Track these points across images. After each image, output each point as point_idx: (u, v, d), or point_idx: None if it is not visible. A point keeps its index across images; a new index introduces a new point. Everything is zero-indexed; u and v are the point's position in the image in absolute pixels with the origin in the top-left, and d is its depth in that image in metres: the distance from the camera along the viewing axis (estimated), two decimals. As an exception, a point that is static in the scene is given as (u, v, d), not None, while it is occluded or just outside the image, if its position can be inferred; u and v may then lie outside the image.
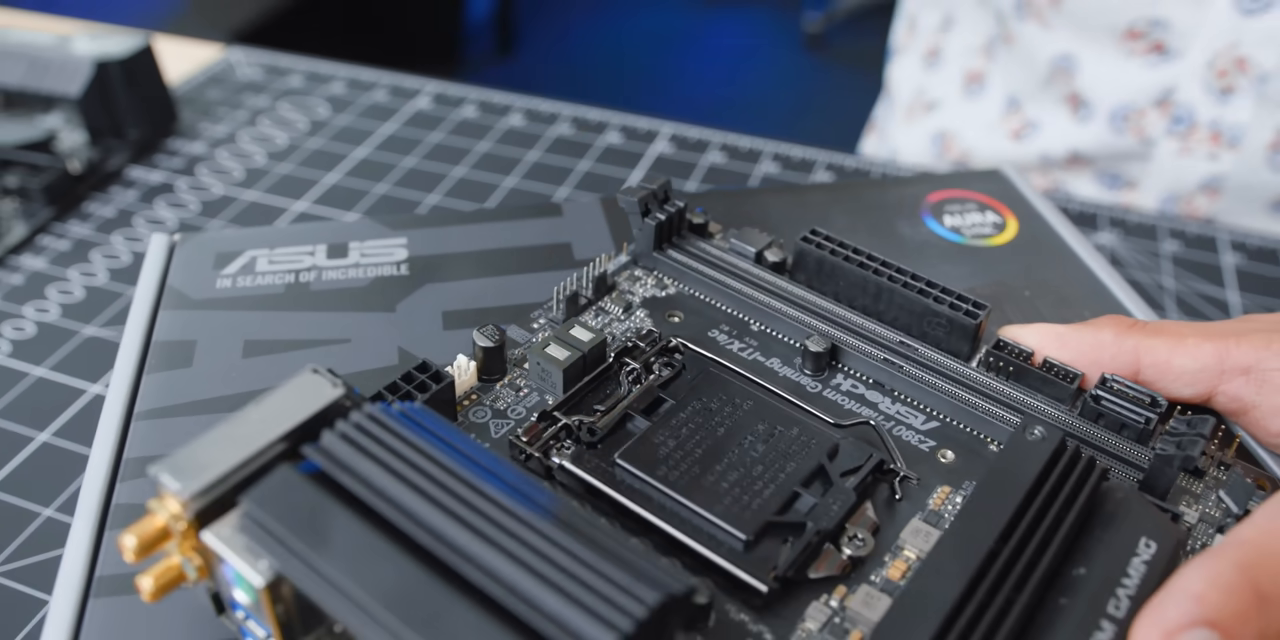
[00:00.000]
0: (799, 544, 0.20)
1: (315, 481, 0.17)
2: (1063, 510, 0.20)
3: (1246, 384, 0.24)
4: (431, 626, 0.15)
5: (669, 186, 0.29)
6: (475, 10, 2.40)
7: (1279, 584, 0.18)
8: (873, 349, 0.25)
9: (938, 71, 0.61)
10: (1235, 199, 0.50)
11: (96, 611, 0.21)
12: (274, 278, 0.29)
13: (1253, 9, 0.45)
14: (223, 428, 0.18)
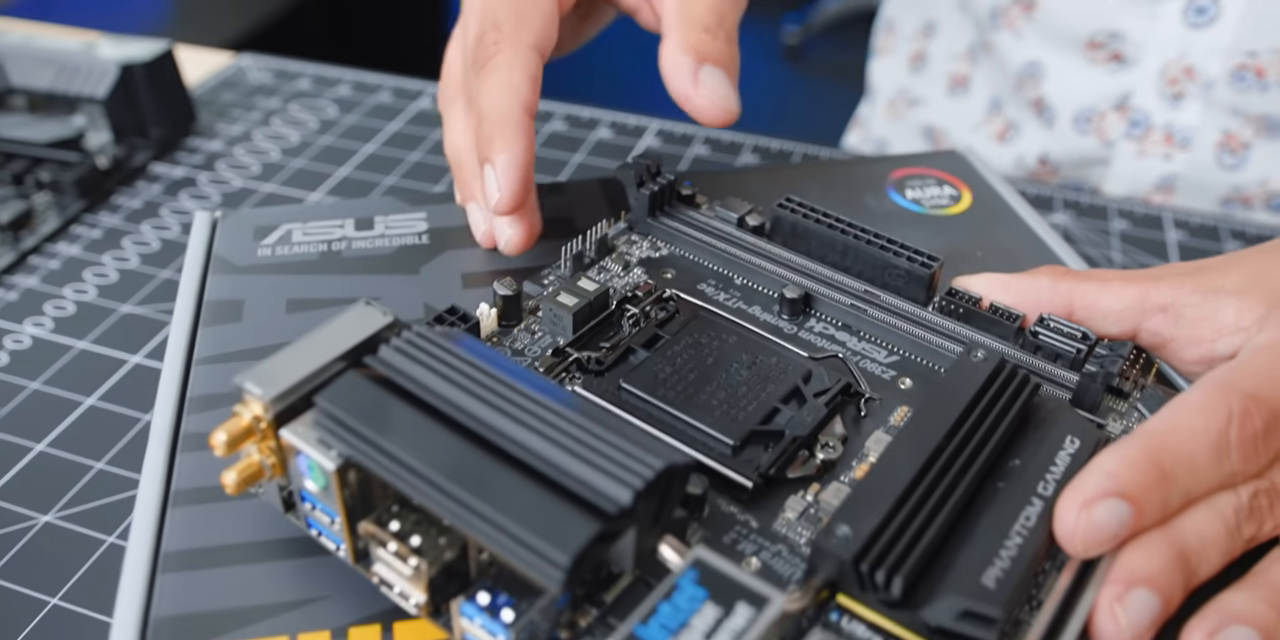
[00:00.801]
0: (778, 449, 0.24)
1: (376, 383, 0.21)
2: (1000, 415, 0.23)
3: (1165, 320, 0.28)
4: (482, 489, 0.18)
5: (661, 161, 0.32)
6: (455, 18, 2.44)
7: (1177, 464, 0.22)
8: (841, 296, 0.29)
9: (923, 74, 0.65)
10: (1187, 196, 0.54)
11: (175, 519, 0.24)
12: (309, 247, 0.33)
13: (1198, 23, 0.50)
14: (293, 347, 0.22)
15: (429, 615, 0.21)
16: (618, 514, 0.18)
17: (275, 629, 0.22)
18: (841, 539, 0.20)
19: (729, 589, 0.18)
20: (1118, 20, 0.52)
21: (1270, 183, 0.52)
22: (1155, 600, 0.21)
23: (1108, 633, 0.21)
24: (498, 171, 0.29)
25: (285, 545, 0.24)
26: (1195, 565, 0.22)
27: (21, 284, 0.44)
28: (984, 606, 0.20)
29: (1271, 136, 0.52)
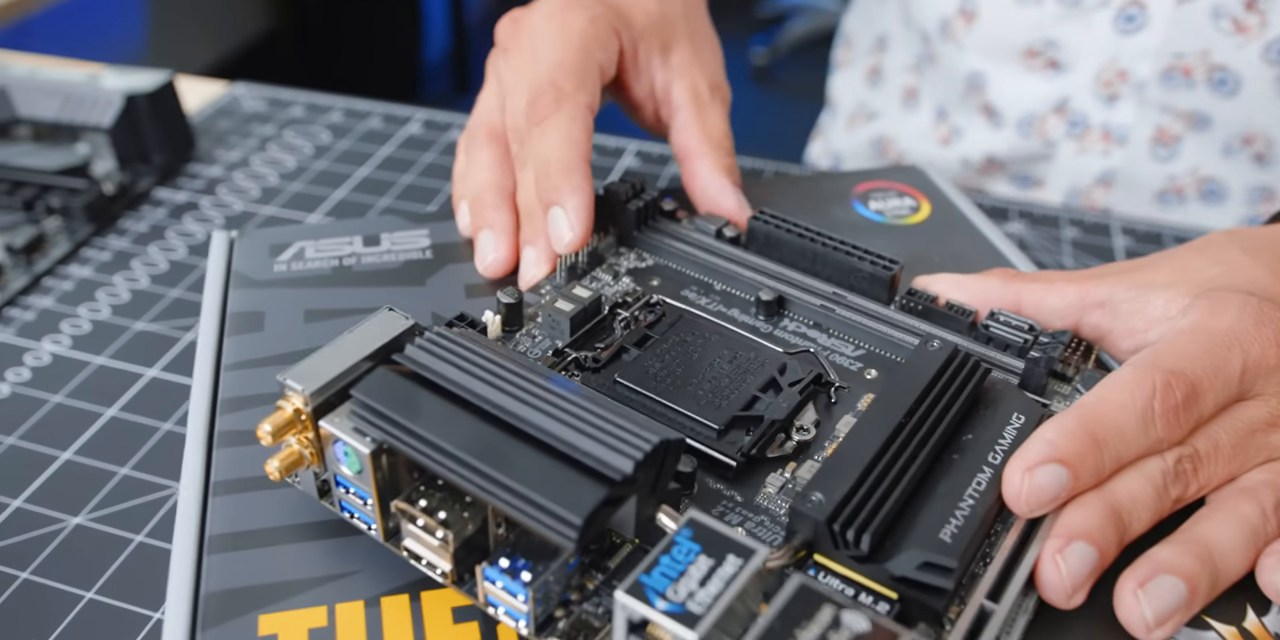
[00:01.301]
0: (758, 432, 0.27)
1: (404, 377, 0.23)
2: (954, 395, 0.26)
3: (1103, 314, 0.31)
4: (502, 463, 0.21)
5: (644, 181, 0.35)
6: (431, 50, 2.48)
7: (1109, 433, 0.25)
8: (811, 298, 0.32)
9: (879, 89, 0.69)
10: (1126, 190, 0.58)
11: (216, 507, 0.27)
12: (321, 262, 0.36)
13: (1127, 30, 0.54)
14: (327, 349, 0.25)
15: (454, 583, 0.24)
16: (622, 480, 0.21)
17: (314, 600, 0.25)
18: (816, 503, 0.23)
19: (720, 544, 0.21)
20: (1053, 30, 0.56)
21: (1200, 171, 0.56)
22: (1092, 552, 0.24)
23: (1051, 581, 0.24)
24: (570, 214, 0.33)
25: (319, 527, 0.26)
26: (1128, 522, 0.25)
27: (37, 304, 0.46)
28: (942, 558, 0.22)
29: (1200, 129, 0.56)
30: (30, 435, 0.39)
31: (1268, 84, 0.53)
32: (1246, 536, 0.25)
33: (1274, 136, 0.54)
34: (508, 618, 0.23)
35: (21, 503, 0.37)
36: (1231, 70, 0.53)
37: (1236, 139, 0.55)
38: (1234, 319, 0.27)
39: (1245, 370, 0.26)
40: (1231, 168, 0.55)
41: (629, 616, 0.20)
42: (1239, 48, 0.52)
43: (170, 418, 0.40)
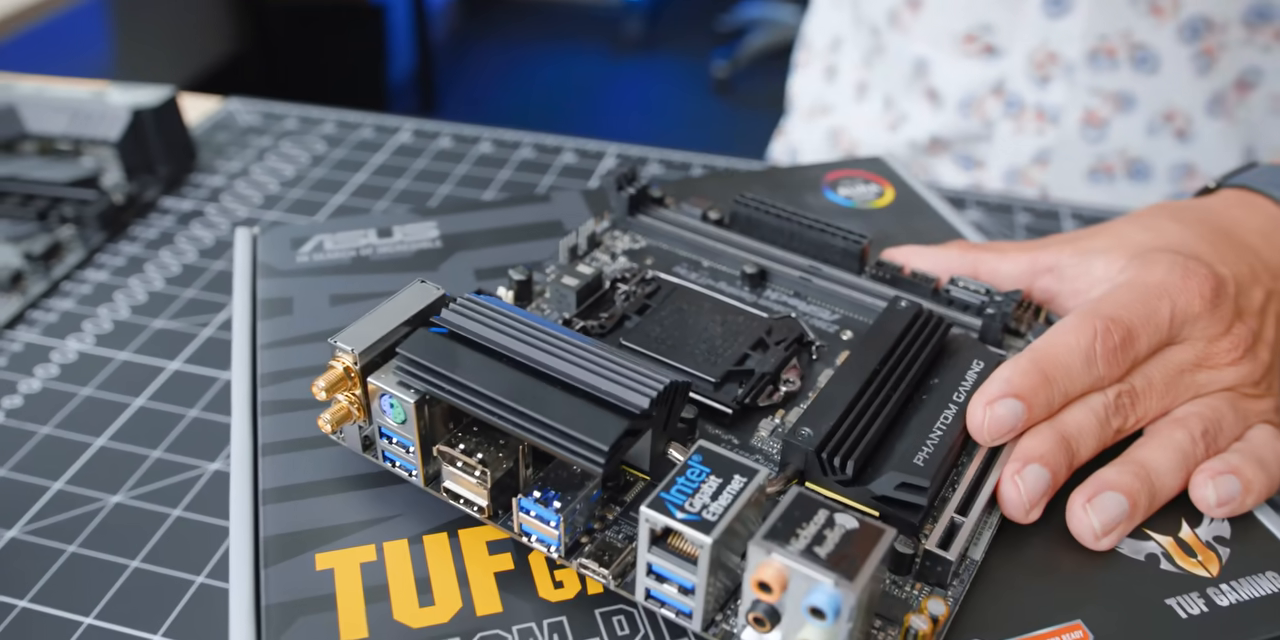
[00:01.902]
0: (749, 384, 0.30)
1: (442, 336, 0.27)
2: (921, 346, 0.30)
3: (1051, 278, 0.35)
4: (536, 404, 0.25)
5: (636, 170, 0.39)
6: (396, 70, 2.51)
7: (1057, 371, 0.28)
8: (790, 270, 0.36)
9: (833, 84, 0.74)
10: (1060, 168, 0.63)
11: (267, 464, 0.30)
12: (340, 253, 0.39)
13: (1055, 13, 0.58)
14: (369, 316, 0.28)
15: (489, 518, 0.27)
16: (640, 414, 0.24)
17: (363, 540, 0.28)
18: (806, 437, 0.27)
19: (726, 466, 0.24)
20: (988, 15, 0.60)
21: (1128, 152, 0.61)
22: (1046, 473, 0.27)
23: (1011, 499, 0.27)
24: None
25: (362, 479, 0.29)
26: (1076, 448, 0.28)
27: (58, 307, 0.49)
28: (916, 479, 0.26)
29: (1126, 111, 0.60)
30: (64, 425, 0.42)
31: (1184, 62, 0.57)
32: (1179, 459, 0.29)
33: (1192, 112, 0.59)
34: (540, 544, 0.26)
35: (62, 485, 0.39)
36: (1151, 49, 0.57)
37: (1159, 116, 0.60)
38: (1164, 274, 0.31)
39: (1174, 318, 0.30)
40: (1155, 147, 0.60)
41: (652, 527, 0.23)
42: (1156, 28, 0.57)
43: (196, 405, 0.43)
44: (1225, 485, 0.28)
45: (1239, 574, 0.27)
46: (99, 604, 0.35)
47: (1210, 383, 0.31)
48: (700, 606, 0.24)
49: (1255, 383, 0.32)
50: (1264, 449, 0.30)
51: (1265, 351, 0.32)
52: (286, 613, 0.25)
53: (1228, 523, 0.29)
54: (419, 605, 0.26)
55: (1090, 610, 0.26)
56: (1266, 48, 0.58)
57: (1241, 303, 0.32)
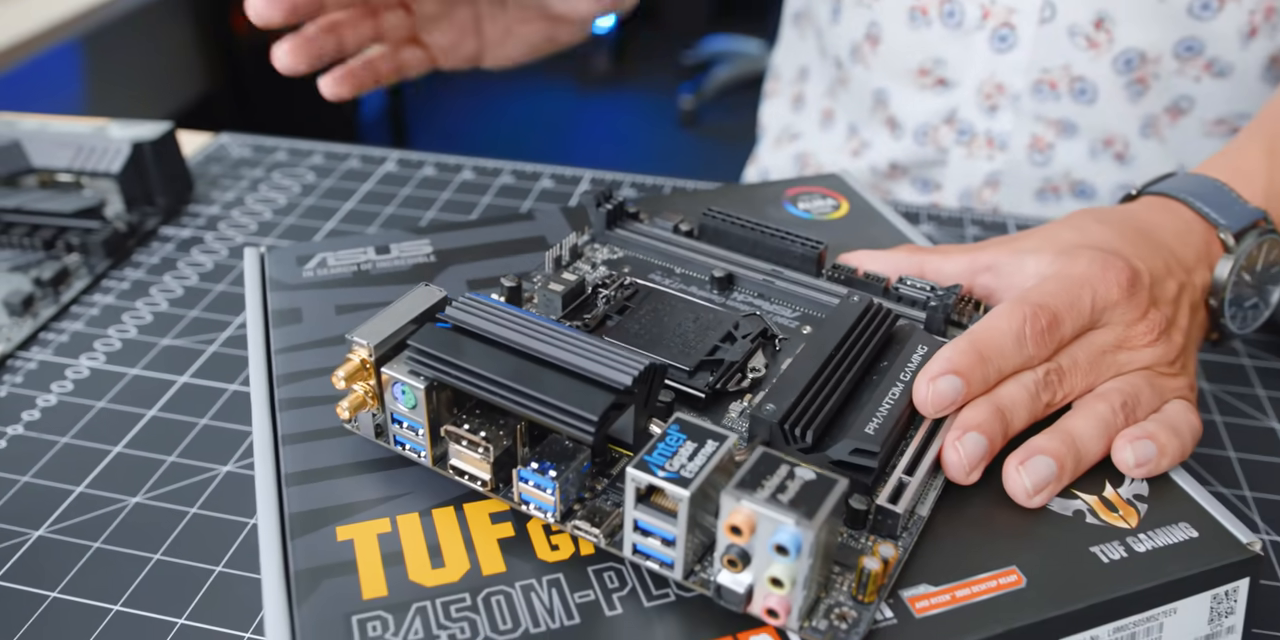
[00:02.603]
0: (720, 372, 0.34)
1: (447, 330, 0.30)
2: (872, 334, 0.34)
3: (989, 276, 0.39)
4: (532, 384, 0.28)
5: (612, 188, 0.43)
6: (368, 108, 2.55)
7: (991, 351, 0.32)
8: (755, 274, 0.39)
9: (801, 113, 0.78)
10: (1009, 190, 0.67)
11: (287, 453, 0.33)
12: (342, 269, 0.42)
13: (1001, 49, 0.63)
14: (381, 314, 0.31)
15: (491, 491, 0.30)
16: (624, 390, 0.28)
17: (378, 515, 0.31)
18: (770, 411, 0.30)
19: (700, 433, 0.27)
20: (940, 51, 0.65)
21: (1072, 174, 0.66)
22: (983, 440, 0.31)
23: (952, 462, 0.31)
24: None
25: (375, 462, 0.33)
26: (1010, 419, 0.32)
27: (69, 328, 0.52)
28: (868, 445, 0.30)
29: (1069, 137, 0.65)
30: (81, 434, 0.45)
31: (1119, 90, 0.62)
32: (1101, 428, 0.33)
33: (1129, 137, 0.64)
34: (537, 511, 0.29)
35: (84, 488, 0.42)
36: (1089, 80, 0.62)
37: (1099, 142, 0.64)
38: (1085, 266, 0.35)
39: (1094, 305, 0.34)
40: (1097, 169, 0.65)
41: (638, 485, 0.26)
42: (1093, 61, 0.61)
43: (206, 414, 0.46)
44: (1142, 449, 0.32)
45: (1155, 525, 0.31)
46: (125, 592, 0.38)
47: (1129, 362, 0.35)
48: (681, 557, 0.27)
49: (1170, 363, 0.35)
50: (1178, 419, 0.34)
51: (1178, 335, 0.36)
52: (313, 576, 0.29)
53: (1146, 483, 0.33)
54: (431, 567, 0.29)
55: (1024, 557, 0.30)
56: (1197, 78, 0.63)
57: (1156, 292, 0.36)
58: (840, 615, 0.27)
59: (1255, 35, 0.60)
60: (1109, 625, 0.29)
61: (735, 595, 0.26)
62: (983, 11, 0.63)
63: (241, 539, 0.40)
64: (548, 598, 0.28)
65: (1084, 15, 0.60)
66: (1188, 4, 0.59)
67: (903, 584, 0.29)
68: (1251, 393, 0.49)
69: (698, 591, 0.28)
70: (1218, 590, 0.30)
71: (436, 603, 0.28)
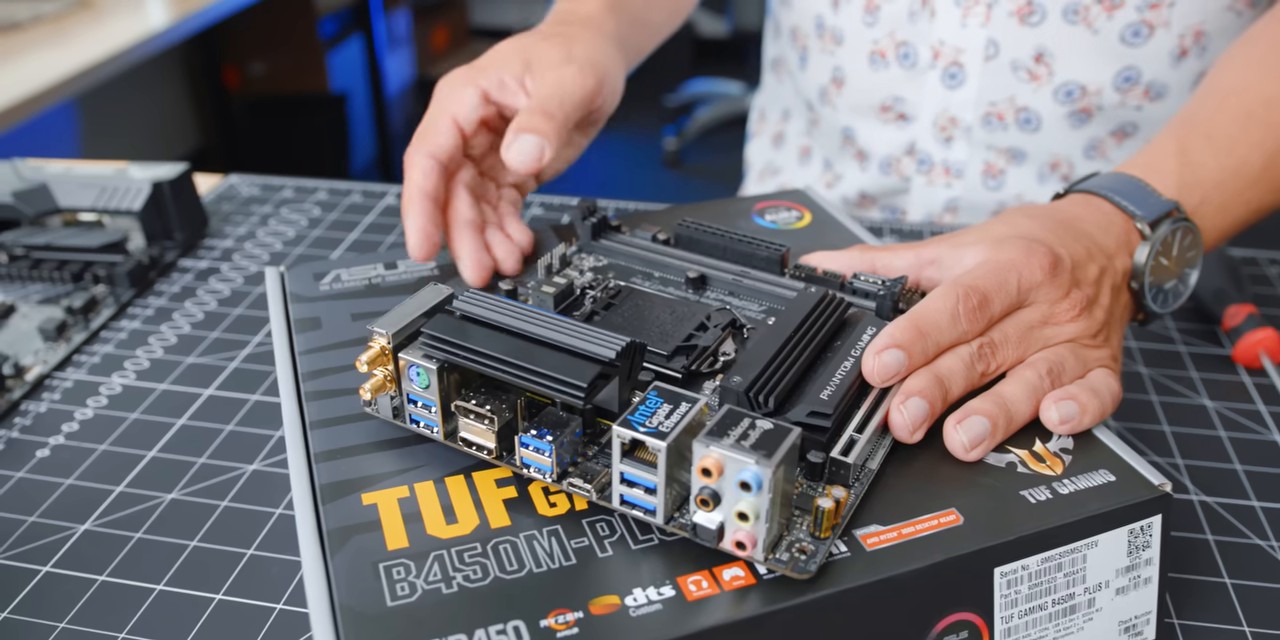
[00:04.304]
0: (694, 355, 0.38)
1: (455, 319, 0.35)
2: (827, 319, 0.38)
3: (934, 269, 0.43)
4: (531, 359, 0.32)
5: (595, 204, 0.47)
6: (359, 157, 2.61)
7: (929, 327, 0.37)
8: (725, 275, 0.44)
9: (782, 150, 0.84)
10: (967, 214, 0.72)
11: (315, 436, 0.37)
12: (355, 282, 0.47)
13: (952, 85, 0.68)
14: (397, 309, 0.36)
15: (496, 458, 0.35)
16: (609, 362, 0.32)
17: (398, 483, 0.35)
18: (737, 382, 0.35)
19: (676, 398, 0.32)
20: (898, 89, 0.70)
21: (1024, 197, 0.71)
22: (924, 404, 0.36)
23: (897, 423, 0.35)
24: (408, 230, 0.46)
25: (393, 441, 0.37)
26: (949, 386, 0.37)
27: (100, 351, 0.56)
28: (822, 407, 0.34)
29: (1019, 163, 0.70)
30: (118, 442, 0.49)
31: (1062, 119, 0.67)
32: (1029, 391, 0.37)
33: (1074, 160, 0.69)
34: (537, 473, 0.34)
35: (123, 488, 0.46)
36: (1033, 111, 0.68)
37: (1046, 167, 0.70)
38: (1012, 253, 0.40)
39: (1020, 286, 0.39)
40: (1046, 191, 0.70)
41: (622, 440, 0.31)
42: (1035, 92, 0.67)
43: (231, 421, 0.50)
44: (1065, 408, 0.37)
45: (1078, 472, 0.35)
46: (167, 574, 0.42)
47: (1055, 336, 0.39)
48: (662, 504, 0.31)
49: (1093, 336, 0.40)
50: (1099, 384, 0.38)
51: (1100, 312, 0.41)
52: (344, 534, 0.33)
53: (1071, 439, 0.37)
54: (446, 523, 0.33)
55: (962, 501, 0.34)
56: (1139, 107, 0.68)
57: (1078, 275, 0.41)
58: (800, 549, 0.31)
59: (1185, 56, 0.66)
60: (1037, 556, 0.33)
61: (709, 532, 0.31)
62: (934, 52, 0.68)
63: (270, 525, 0.44)
64: (548, 544, 0.32)
65: (1025, 51, 0.66)
66: (1120, 33, 0.64)
67: (855, 525, 0.33)
68: (1186, 375, 0.54)
69: (678, 535, 0.32)
70: (1133, 525, 0.35)
71: (451, 551, 0.32)
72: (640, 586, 0.31)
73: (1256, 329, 0.54)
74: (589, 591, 0.31)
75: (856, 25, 0.71)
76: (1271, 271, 0.64)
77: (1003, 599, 0.33)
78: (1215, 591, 0.41)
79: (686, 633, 0.29)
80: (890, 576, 0.31)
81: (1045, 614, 0.34)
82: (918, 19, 0.68)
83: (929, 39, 0.68)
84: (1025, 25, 0.65)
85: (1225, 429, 0.50)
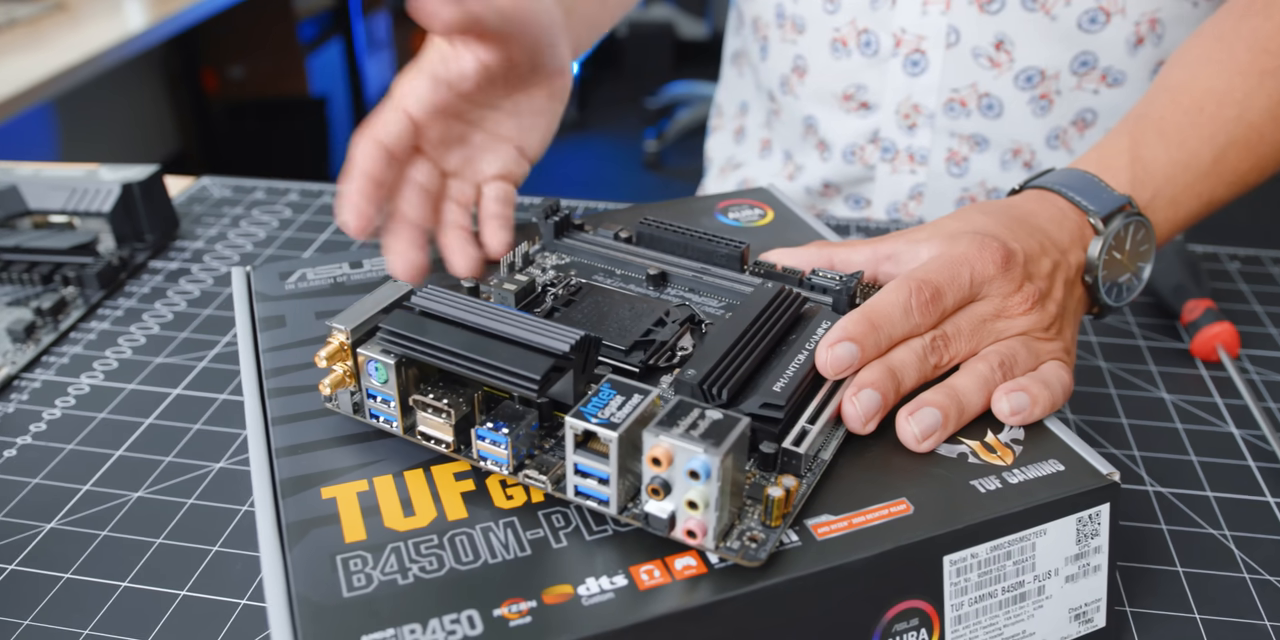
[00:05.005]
0: (652, 350, 0.39)
1: (413, 314, 0.35)
2: (783, 312, 0.39)
3: (890, 264, 0.44)
4: (486, 352, 0.33)
5: (558, 203, 0.48)
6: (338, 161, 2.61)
7: (882, 320, 0.37)
8: (685, 272, 0.45)
9: (743, 144, 0.85)
10: (932, 201, 0.73)
11: (277, 432, 0.38)
12: (320, 281, 0.47)
13: (914, 73, 0.69)
14: (356, 305, 0.36)
15: (454, 452, 0.35)
16: (562, 355, 0.33)
17: (357, 477, 0.35)
18: (691, 375, 0.35)
19: (628, 389, 0.32)
20: (860, 77, 0.71)
21: (987, 183, 0.72)
22: (876, 395, 0.36)
23: (849, 414, 0.36)
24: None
25: (353, 436, 0.37)
26: (901, 378, 0.37)
27: (69, 351, 0.56)
28: (775, 399, 0.35)
29: (981, 150, 0.71)
30: (86, 441, 0.49)
31: (1024, 106, 0.68)
32: (981, 383, 0.38)
33: (1035, 147, 0.70)
34: (494, 466, 0.34)
35: (90, 487, 0.47)
36: (995, 97, 0.68)
37: (1008, 153, 0.71)
38: (965, 247, 0.40)
39: (973, 279, 0.40)
40: (1008, 177, 0.71)
41: (575, 432, 0.31)
42: (996, 79, 0.68)
43: (199, 420, 0.51)
44: (1016, 399, 0.37)
45: (1028, 462, 0.36)
46: (132, 571, 0.42)
47: (1007, 329, 0.40)
48: (615, 494, 0.32)
49: (1045, 329, 0.41)
50: (1050, 376, 0.39)
51: (1052, 305, 0.42)
52: (303, 527, 0.33)
53: (1022, 430, 0.38)
54: (403, 516, 0.34)
55: (913, 491, 0.35)
56: (1096, 91, 0.69)
57: (1031, 269, 0.41)
58: (751, 537, 0.32)
59: (1142, 44, 0.67)
60: (986, 544, 0.34)
61: (660, 521, 0.31)
62: (895, 40, 0.69)
63: (235, 523, 0.44)
64: (504, 536, 0.33)
65: (985, 38, 0.67)
66: (1077, 19, 0.65)
67: (807, 514, 0.33)
68: (1145, 369, 0.55)
69: (632, 525, 0.33)
70: (1082, 514, 0.35)
71: (408, 543, 0.33)
72: (593, 576, 0.31)
73: (1214, 323, 0.55)
74: (543, 581, 0.31)
75: (817, 13, 0.72)
76: (1232, 267, 0.65)
77: (953, 587, 0.34)
78: (1168, 579, 0.41)
79: (636, 621, 0.30)
80: (840, 564, 0.32)
81: (995, 601, 0.35)
82: (879, 6, 0.69)
83: (890, 26, 0.69)
84: (985, 12, 0.66)
85: (1182, 421, 0.51)
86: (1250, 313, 0.60)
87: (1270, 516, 0.45)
